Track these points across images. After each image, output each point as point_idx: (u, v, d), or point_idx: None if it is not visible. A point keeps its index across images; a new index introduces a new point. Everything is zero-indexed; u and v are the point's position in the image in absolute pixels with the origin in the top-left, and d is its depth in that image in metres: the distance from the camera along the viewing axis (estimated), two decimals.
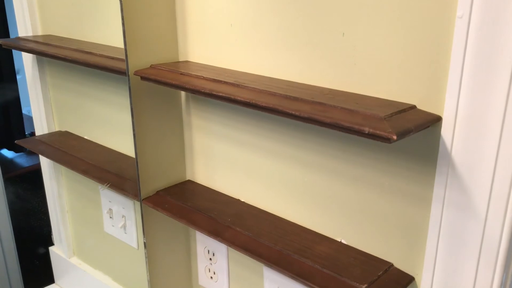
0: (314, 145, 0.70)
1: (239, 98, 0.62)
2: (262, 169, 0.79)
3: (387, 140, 0.49)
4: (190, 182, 0.91)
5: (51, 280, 1.37)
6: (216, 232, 0.74)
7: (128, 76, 0.77)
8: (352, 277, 0.63)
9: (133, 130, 0.79)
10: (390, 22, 0.58)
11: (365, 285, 0.61)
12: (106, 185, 0.86)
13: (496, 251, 0.55)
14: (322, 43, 0.65)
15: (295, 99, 0.60)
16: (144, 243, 0.88)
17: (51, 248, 1.33)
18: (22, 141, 1.10)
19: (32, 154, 2.16)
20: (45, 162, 1.20)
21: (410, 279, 0.64)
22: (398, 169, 0.62)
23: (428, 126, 0.56)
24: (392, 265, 0.66)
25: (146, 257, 0.89)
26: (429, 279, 0.62)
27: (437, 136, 0.57)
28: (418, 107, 0.58)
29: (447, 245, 0.59)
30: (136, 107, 0.79)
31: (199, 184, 0.90)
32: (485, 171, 0.53)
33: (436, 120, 0.55)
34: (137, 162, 0.82)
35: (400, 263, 0.66)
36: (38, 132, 1.18)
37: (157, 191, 0.86)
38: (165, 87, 0.73)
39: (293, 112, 0.57)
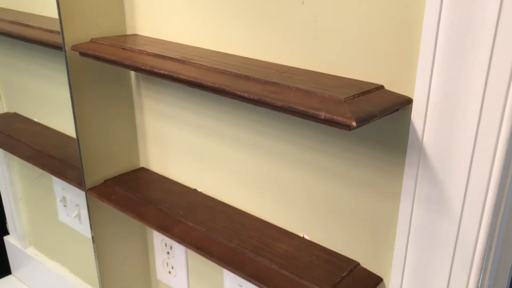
0: (275, 131, 0.63)
1: (182, 77, 0.54)
2: (219, 156, 0.71)
3: (346, 127, 0.42)
4: (144, 170, 0.83)
5: (8, 271, 1.29)
6: (165, 227, 0.67)
7: (65, 51, 0.68)
8: (312, 279, 0.56)
9: (73, 113, 0.70)
10: None
11: None
12: (39, 176, 0.78)
13: (472, 251, 0.48)
14: (279, 12, 0.56)
15: (247, 78, 0.52)
16: (92, 234, 0.80)
17: (6, 238, 1.25)
18: None
19: None
20: None
21: (378, 280, 0.57)
22: (364, 159, 0.55)
23: (397, 110, 0.49)
24: (358, 264, 0.59)
25: (94, 250, 0.81)
26: (398, 281, 0.55)
27: (407, 121, 0.49)
28: (386, 87, 0.50)
29: (418, 243, 0.52)
30: (76, 87, 0.70)
31: (153, 172, 0.82)
32: (460, 162, 0.46)
33: (406, 103, 0.48)
34: (79, 148, 0.73)
35: (367, 263, 0.59)
36: None
37: (105, 180, 0.78)
38: (106, 63, 0.64)
39: (241, 94, 0.49)
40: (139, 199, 0.73)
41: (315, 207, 0.62)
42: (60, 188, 1.02)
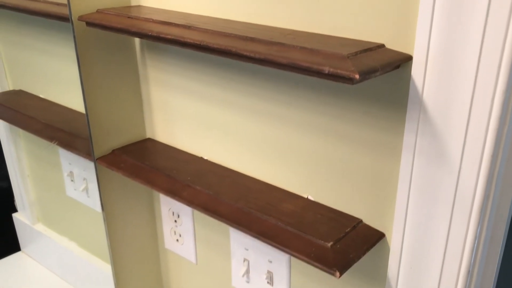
0: (278, 95, 0.64)
1: (189, 41, 0.55)
2: (224, 124, 0.73)
3: (349, 80, 0.44)
4: (150, 140, 0.85)
5: (17, 248, 1.31)
6: (174, 191, 0.69)
7: (72, 22, 0.69)
8: (317, 235, 0.58)
9: (81, 84, 0.72)
10: None
11: (331, 243, 0.57)
12: (54, 142, 0.80)
13: (471, 201, 0.51)
14: None
15: (252, 39, 0.53)
16: (102, 205, 0.82)
17: (14, 215, 1.27)
18: None
19: None
20: (1, 125, 1.12)
21: (380, 235, 0.60)
22: (366, 118, 0.57)
23: (398, 66, 0.50)
24: (361, 221, 0.62)
25: (104, 220, 0.83)
26: (399, 235, 0.57)
27: (407, 78, 0.51)
28: (387, 46, 0.52)
29: (419, 197, 0.54)
30: (83, 58, 0.72)
31: (159, 142, 0.84)
32: (459, 115, 0.48)
33: (406, 59, 0.50)
34: (88, 118, 0.75)
35: (370, 219, 0.61)
36: None
37: (113, 150, 0.80)
38: (113, 32, 0.66)
39: (247, 54, 0.50)
40: (147, 167, 0.75)
41: (319, 168, 0.64)
42: (67, 163, 1.04)
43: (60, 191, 1.11)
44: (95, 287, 1.10)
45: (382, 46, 0.52)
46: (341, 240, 0.58)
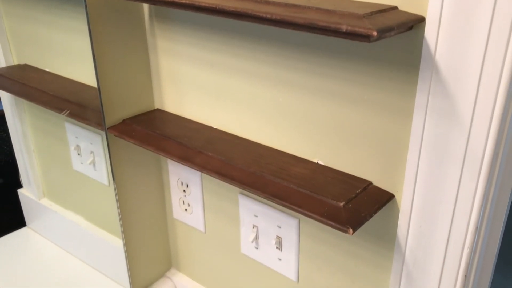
0: (288, 61, 0.66)
1: (203, 5, 0.56)
2: (234, 92, 0.74)
3: (367, 38, 0.45)
4: (159, 111, 0.86)
5: (22, 224, 1.33)
6: (187, 157, 0.70)
7: None
8: (329, 195, 0.60)
9: (93, 55, 0.73)
10: None
11: (343, 203, 0.58)
12: (66, 112, 0.81)
13: (480, 161, 0.52)
14: None
15: (266, 2, 0.54)
16: (113, 175, 0.83)
17: (20, 191, 1.28)
18: None
19: None
20: (6, 100, 1.12)
21: (390, 196, 0.62)
22: (378, 80, 0.58)
23: (411, 28, 0.52)
24: (371, 183, 0.63)
25: (115, 190, 0.85)
26: (410, 195, 0.59)
27: (420, 39, 0.52)
28: (400, 8, 0.53)
29: (429, 157, 0.56)
30: (94, 27, 0.72)
31: (168, 112, 0.85)
32: (470, 75, 0.50)
33: (419, 20, 0.51)
34: (99, 88, 0.76)
35: (380, 181, 0.63)
36: None
37: (123, 120, 0.81)
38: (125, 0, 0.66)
39: (265, 15, 0.51)
40: (158, 135, 0.76)
41: (329, 133, 0.65)
42: (73, 137, 1.05)
43: (66, 166, 1.12)
44: (102, 259, 1.11)
45: (395, 8, 0.53)
46: (353, 200, 0.60)
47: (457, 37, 0.49)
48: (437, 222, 0.58)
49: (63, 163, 1.12)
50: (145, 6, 0.79)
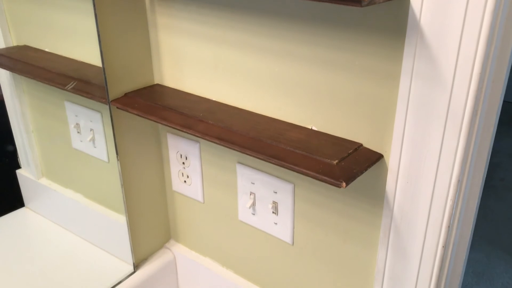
0: (282, 32, 0.70)
1: None
2: (232, 64, 0.78)
3: (358, 2, 0.49)
4: (159, 86, 0.90)
5: (21, 204, 1.35)
6: (189, 125, 0.75)
7: None
8: (323, 155, 0.65)
9: (98, 32, 0.77)
10: None
11: (336, 161, 0.63)
12: (71, 84, 0.84)
13: (461, 118, 0.57)
14: None
15: None
16: (116, 149, 0.87)
17: (18, 171, 1.31)
18: None
19: None
20: (5, 80, 1.15)
21: (379, 156, 0.67)
22: (368, 47, 0.63)
23: None
24: (361, 145, 0.68)
25: (118, 163, 0.88)
26: (397, 153, 0.64)
27: (406, 8, 0.57)
28: None
29: (415, 117, 0.61)
30: (99, 6, 0.76)
31: (167, 87, 0.89)
32: (452, 38, 0.55)
33: None
34: (103, 62, 0.80)
35: (370, 143, 0.68)
36: None
37: (125, 93, 0.85)
38: None
39: None
40: (160, 106, 0.80)
41: (322, 100, 0.70)
42: (73, 115, 1.08)
43: (65, 144, 1.15)
44: (101, 234, 1.15)
45: None
46: (345, 159, 0.65)
47: (440, 4, 0.54)
48: (422, 177, 0.63)
49: (63, 142, 1.15)
50: None
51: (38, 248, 1.19)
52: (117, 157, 0.89)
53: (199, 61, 0.82)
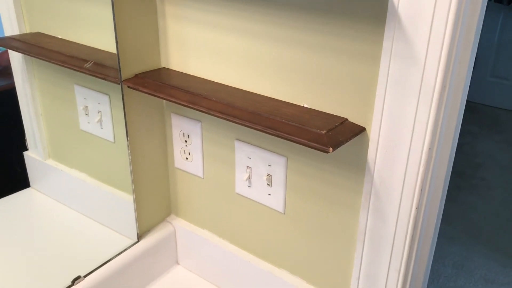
0: (279, 19, 0.79)
1: None
2: (232, 49, 0.87)
3: None
4: (165, 69, 0.98)
5: (27, 185, 1.43)
6: (194, 102, 0.83)
7: None
8: (314, 126, 0.74)
9: (114, 19, 0.85)
10: None
11: (325, 131, 0.73)
12: (89, 63, 0.93)
13: (432, 92, 0.67)
14: None
15: None
16: (126, 127, 0.96)
17: (25, 153, 1.39)
18: None
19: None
20: (17, 66, 1.23)
21: (362, 129, 0.76)
22: (353, 32, 0.72)
23: None
24: (347, 119, 0.78)
25: (127, 140, 0.97)
26: (378, 125, 0.74)
27: None
28: None
29: (393, 92, 0.70)
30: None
31: (173, 70, 0.98)
32: (424, 22, 0.64)
33: None
34: (117, 46, 0.88)
35: (354, 118, 0.77)
36: (8, 34, 1.21)
37: (136, 74, 0.94)
38: None
39: None
40: (167, 85, 0.89)
41: (313, 80, 0.79)
42: (82, 98, 1.17)
43: (73, 126, 1.23)
44: (104, 211, 1.23)
45: None
46: (332, 130, 0.74)
47: None
48: (399, 146, 0.72)
49: (70, 124, 1.24)
50: None
51: (43, 224, 1.27)
52: (126, 136, 0.97)
53: (202, 46, 0.91)
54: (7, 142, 1.49)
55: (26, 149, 1.39)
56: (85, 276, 0.99)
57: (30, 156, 1.38)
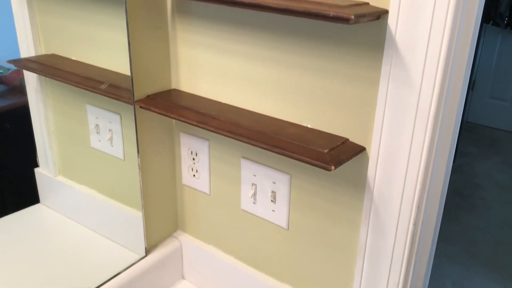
0: (283, 45, 0.85)
1: None
2: (239, 72, 0.93)
3: (347, 20, 0.64)
4: (175, 90, 1.04)
5: (36, 201, 1.47)
6: (204, 122, 0.88)
7: None
8: (317, 146, 0.79)
9: (128, 43, 0.91)
10: None
11: (327, 150, 0.77)
12: (105, 84, 0.98)
13: (427, 115, 0.72)
14: None
15: None
16: (137, 145, 1.01)
17: (36, 170, 1.43)
18: (13, 60, 1.18)
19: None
20: (31, 86, 1.29)
21: (362, 148, 0.81)
22: (353, 58, 0.77)
23: (379, 17, 0.72)
24: (348, 139, 0.83)
25: (138, 158, 1.02)
26: (377, 144, 0.78)
27: (384, 26, 0.72)
28: (371, 4, 0.73)
29: (391, 115, 0.75)
30: (131, 20, 0.91)
31: (183, 91, 1.03)
32: (420, 50, 0.70)
33: (384, 12, 0.71)
34: (131, 68, 0.94)
35: (355, 138, 0.82)
36: (24, 55, 1.26)
37: (147, 95, 0.99)
38: None
39: (272, 5, 0.70)
40: (178, 106, 0.94)
41: (316, 102, 0.84)
42: (94, 117, 1.22)
43: (83, 144, 1.28)
44: (112, 226, 1.27)
45: (367, 3, 0.73)
46: (334, 149, 0.79)
47: (411, 24, 0.69)
48: (397, 164, 0.77)
49: (81, 142, 1.28)
50: (169, 2, 0.97)
51: (53, 240, 1.31)
52: (137, 153, 1.02)
53: (211, 69, 0.97)
54: (18, 158, 1.54)
55: (37, 165, 1.44)
56: None
57: (40, 173, 1.43)
